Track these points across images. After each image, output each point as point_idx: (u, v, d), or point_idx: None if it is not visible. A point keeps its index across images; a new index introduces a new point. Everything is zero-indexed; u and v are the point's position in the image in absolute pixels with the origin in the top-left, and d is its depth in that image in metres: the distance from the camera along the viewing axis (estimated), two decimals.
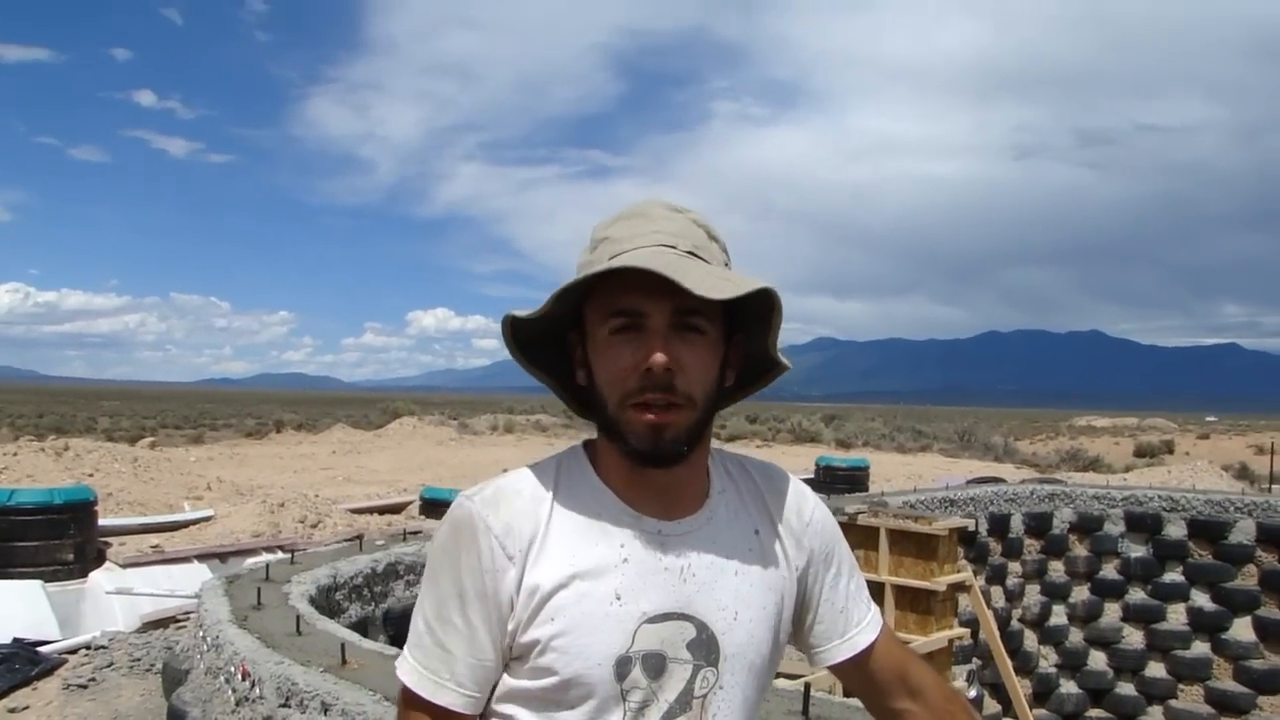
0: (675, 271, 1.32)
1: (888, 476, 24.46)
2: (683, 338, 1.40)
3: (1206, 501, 11.94)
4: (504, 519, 1.43)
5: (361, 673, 4.33)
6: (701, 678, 1.45)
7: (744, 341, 1.52)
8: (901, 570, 9.41)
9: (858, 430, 49.60)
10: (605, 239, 1.46)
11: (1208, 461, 30.32)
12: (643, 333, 1.39)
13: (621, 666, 1.40)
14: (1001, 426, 63.52)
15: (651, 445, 1.40)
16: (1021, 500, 12.33)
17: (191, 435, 44.37)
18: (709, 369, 1.43)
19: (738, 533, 1.54)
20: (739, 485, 1.60)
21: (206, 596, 5.93)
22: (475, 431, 46.34)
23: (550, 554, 1.43)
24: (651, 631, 1.42)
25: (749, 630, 1.49)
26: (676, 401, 1.39)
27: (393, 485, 21.58)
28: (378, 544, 7.97)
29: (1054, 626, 12.17)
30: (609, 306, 1.41)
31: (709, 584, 1.47)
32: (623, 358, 1.40)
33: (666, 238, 1.43)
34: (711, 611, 1.46)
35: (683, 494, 1.52)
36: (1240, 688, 11.28)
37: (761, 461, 1.69)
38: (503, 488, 1.48)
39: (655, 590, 1.44)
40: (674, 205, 1.50)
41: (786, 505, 1.62)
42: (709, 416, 1.46)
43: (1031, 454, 44.00)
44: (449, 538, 1.45)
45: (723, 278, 1.39)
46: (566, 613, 1.40)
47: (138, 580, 9.56)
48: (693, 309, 1.38)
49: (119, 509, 14.69)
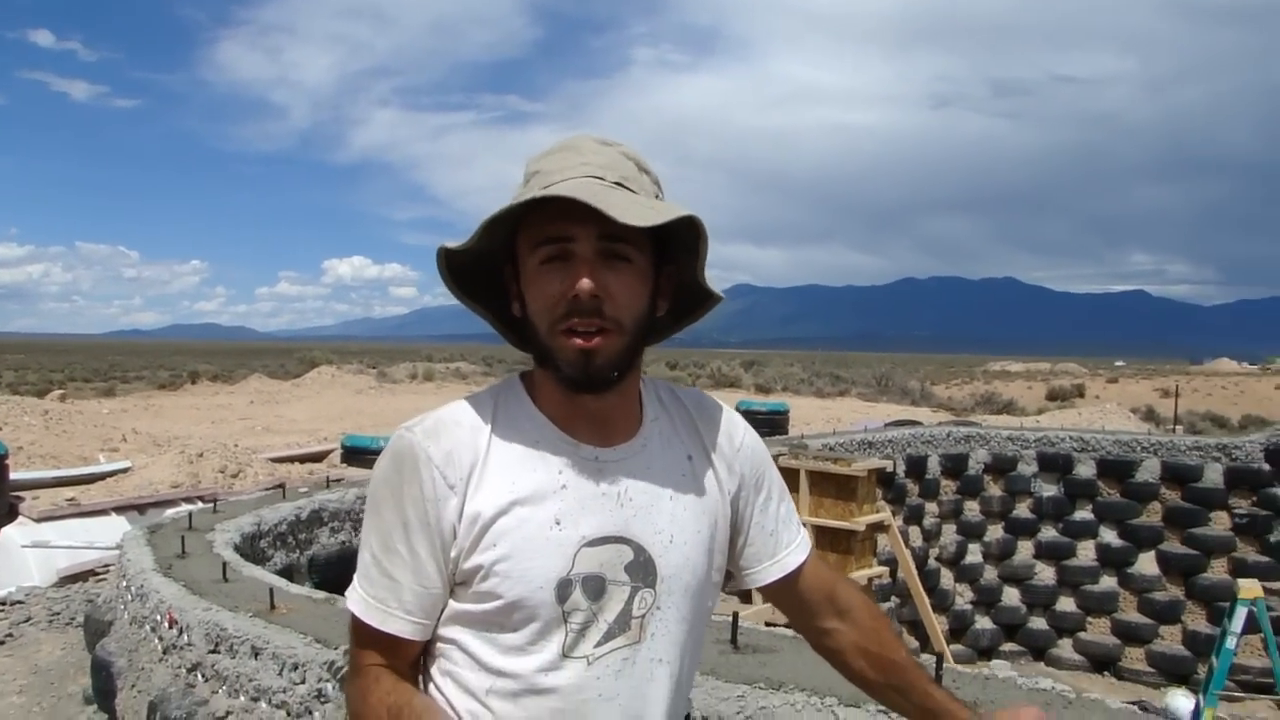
0: (598, 200, 1.34)
1: (807, 420, 24.80)
2: (610, 265, 1.42)
3: (1115, 442, 12.29)
4: (444, 448, 1.45)
5: (290, 617, 4.33)
6: (639, 599, 1.49)
7: (675, 273, 1.54)
8: (821, 511, 9.58)
9: (777, 375, 50.09)
10: (536, 172, 1.48)
11: (1116, 404, 31.21)
12: (570, 261, 1.42)
13: (562, 589, 1.43)
14: (918, 372, 64.56)
15: (582, 370, 1.43)
16: (938, 442, 12.57)
17: (102, 388, 43.37)
18: (637, 295, 1.46)
19: (671, 458, 1.58)
20: (671, 413, 1.64)
21: (129, 546, 5.86)
22: (394, 380, 45.97)
23: (490, 481, 1.45)
24: (591, 555, 1.46)
25: (684, 553, 1.53)
26: (605, 326, 1.42)
27: (313, 434, 21.37)
28: (301, 491, 7.93)
29: (969, 565, 12.47)
30: (538, 236, 1.43)
31: (645, 508, 1.51)
32: (551, 285, 1.42)
33: (595, 169, 1.46)
34: (648, 535, 1.50)
35: (617, 421, 1.55)
36: (1144, 619, 11.70)
37: (692, 390, 1.73)
38: (442, 418, 1.50)
39: (593, 515, 1.47)
40: (604, 139, 1.53)
41: (718, 431, 1.67)
42: (639, 343, 1.49)
43: (947, 398, 44.88)
44: (390, 469, 1.47)
45: (647, 206, 1.42)
46: (508, 538, 1.43)
47: (53, 534, 9.39)
48: (618, 236, 1.40)
49: (30, 463, 14.37)
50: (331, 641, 3.92)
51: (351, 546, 7.28)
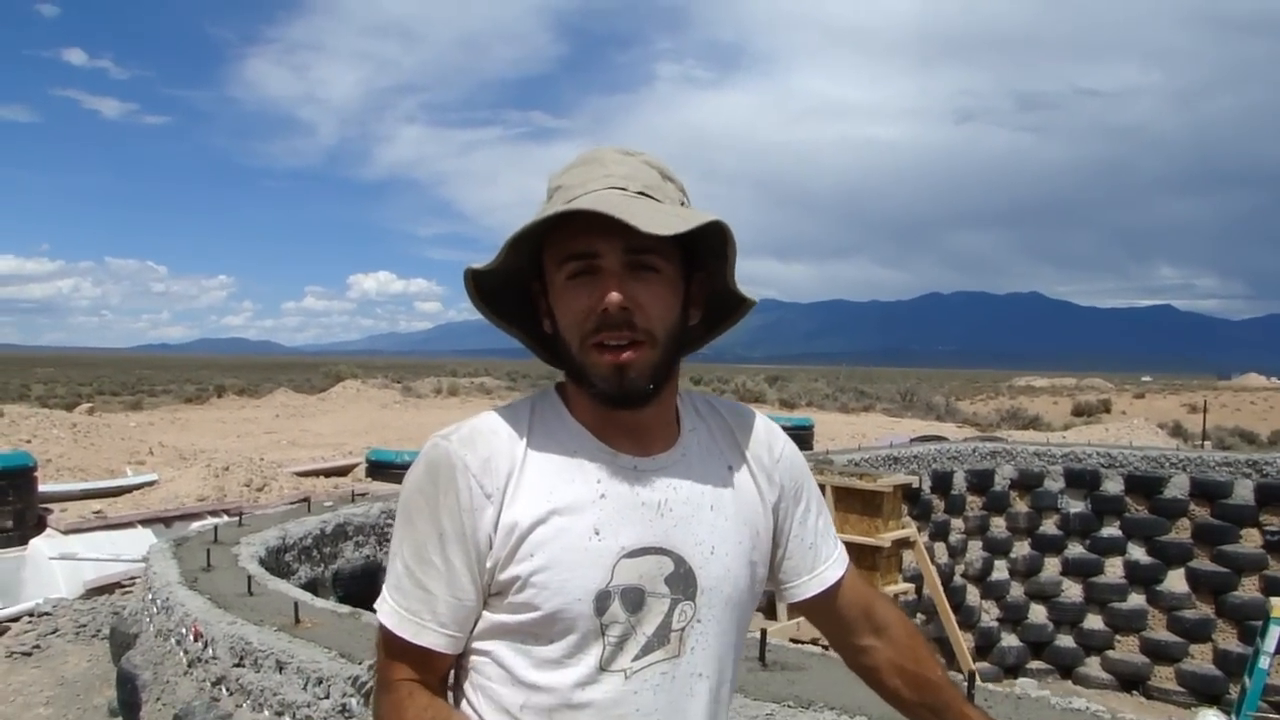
0: (621, 211, 1.32)
1: (832, 436, 24.71)
2: (638, 276, 1.40)
3: (1143, 458, 12.20)
4: (481, 456, 1.43)
5: (315, 631, 4.33)
6: (680, 611, 1.46)
7: (706, 280, 1.52)
8: (847, 527, 9.53)
9: (801, 390, 49.96)
10: (559, 187, 1.46)
11: (1144, 419, 30.96)
12: (598, 275, 1.40)
13: (601, 601, 1.41)
14: (943, 387, 64.29)
15: (617, 386, 1.41)
16: (964, 458, 12.50)
17: (129, 402, 43.68)
18: (668, 306, 1.44)
19: (711, 468, 1.56)
20: (709, 423, 1.62)
21: (155, 559, 5.88)
22: (419, 395, 46.06)
23: (527, 491, 1.43)
24: (630, 566, 1.43)
25: (725, 564, 1.50)
26: (637, 339, 1.40)
27: (338, 448, 21.44)
28: (326, 505, 7.94)
29: (995, 581, 12.39)
30: (563, 252, 1.42)
31: (685, 519, 1.48)
32: (579, 300, 1.40)
33: (618, 180, 1.44)
34: (689, 546, 1.47)
35: (654, 432, 1.53)
36: (1173, 637, 11.59)
37: (730, 401, 1.71)
38: (478, 427, 1.48)
39: (633, 525, 1.44)
40: (626, 150, 1.51)
41: (757, 441, 1.64)
42: (673, 355, 1.47)
43: (972, 413, 44.63)
44: (425, 478, 1.44)
45: (671, 214, 1.39)
46: (546, 548, 1.40)
47: (81, 546, 9.45)
48: (645, 248, 1.38)
49: (59, 475, 14.48)
50: (356, 656, 3.92)
51: (376, 560, 7.29)
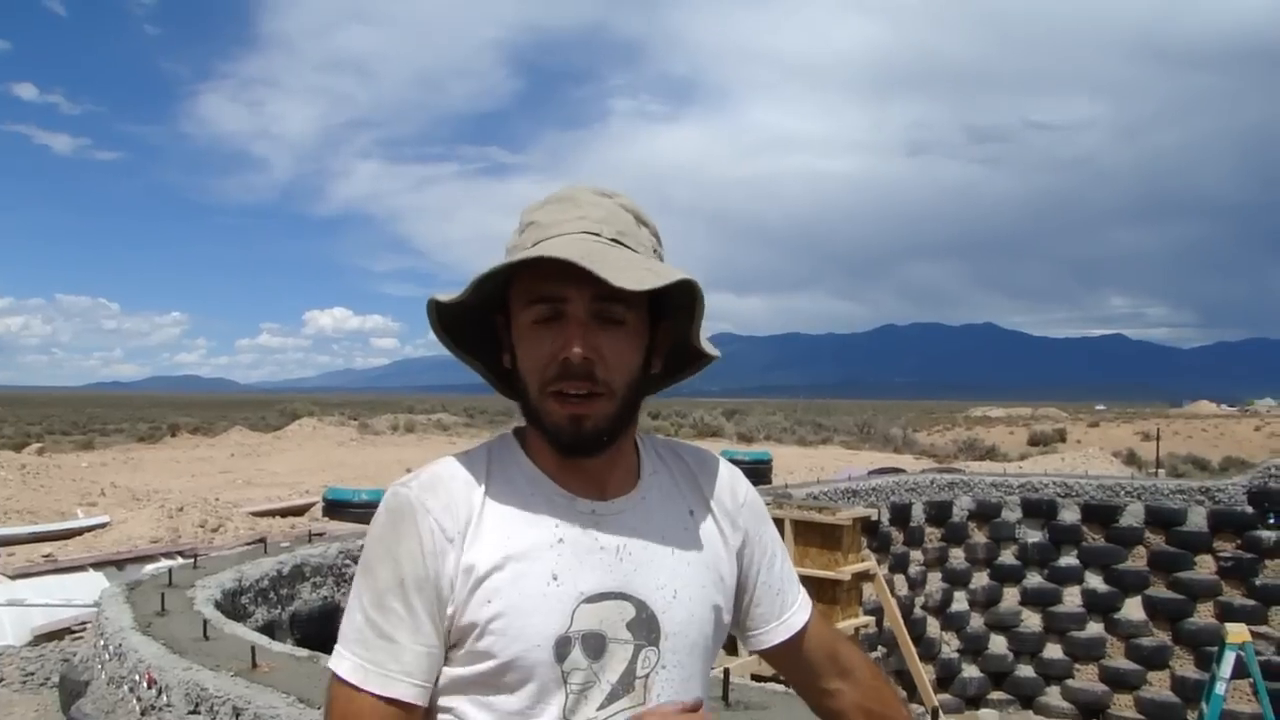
0: (594, 262, 1.30)
1: (790, 469, 24.76)
2: (603, 327, 1.38)
3: (1098, 487, 12.32)
4: (442, 501, 1.40)
5: (273, 675, 4.26)
6: (643, 657, 1.43)
7: (670, 330, 1.50)
8: (807, 561, 9.54)
9: (759, 424, 50.09)
10: (532, 223, 1.45)
11: (1098, 448, 31.30)
12: (563, 321, 1.38)
13: (561, 647, 1.38)
14: (900, 418, 64.65)
15: (572, 436, 1.40)
16: (922, 489, 12.56)
17: (81, 441, 43.02)
18: (630, 358, 1.42)
19: (672, 512, 1.54)
20: (670, 467, 1.60)
21: (107, 604, 5.78)
22: (376, 432, 45.74)
23: (485, 536, 1.40)
24: (590, 611, 1.40)
25: (688, 609, 1.48)
26: (596, 390, 1.38)
27: (294, 487, 21.21)
28: (282, 546, 7.85)
29: (955, 612, 12.44)
30: (531, 293, 1.40)
31: (646, 563, 1.46)
32: (543, 346, 1.39)
33: (591, 224, 1.42)
34: (650, 590, 1.45)
35: (613, 476, 1.51)
36: (1131, 665, 11.68)
37: (692, 445, 1.69)
38: (438, 473, 1.46)
39: (592, 570, 1.42)
40: (602, 190, 1.49)
41: (720, 486, 1.62)
42: (632, 405, 1.45)
43: (930, 444, 44.93)
44: (386, 525, 1.42)
45: (643, 268, 1.37)
46: (503, 594, 1.37)
47: (29, 591, 9.26)
48: (613, 297, 1.36)
49: (7, 518, 14.21)
50: (314, 701, 3.86)
51: (334, 602, 7.20)
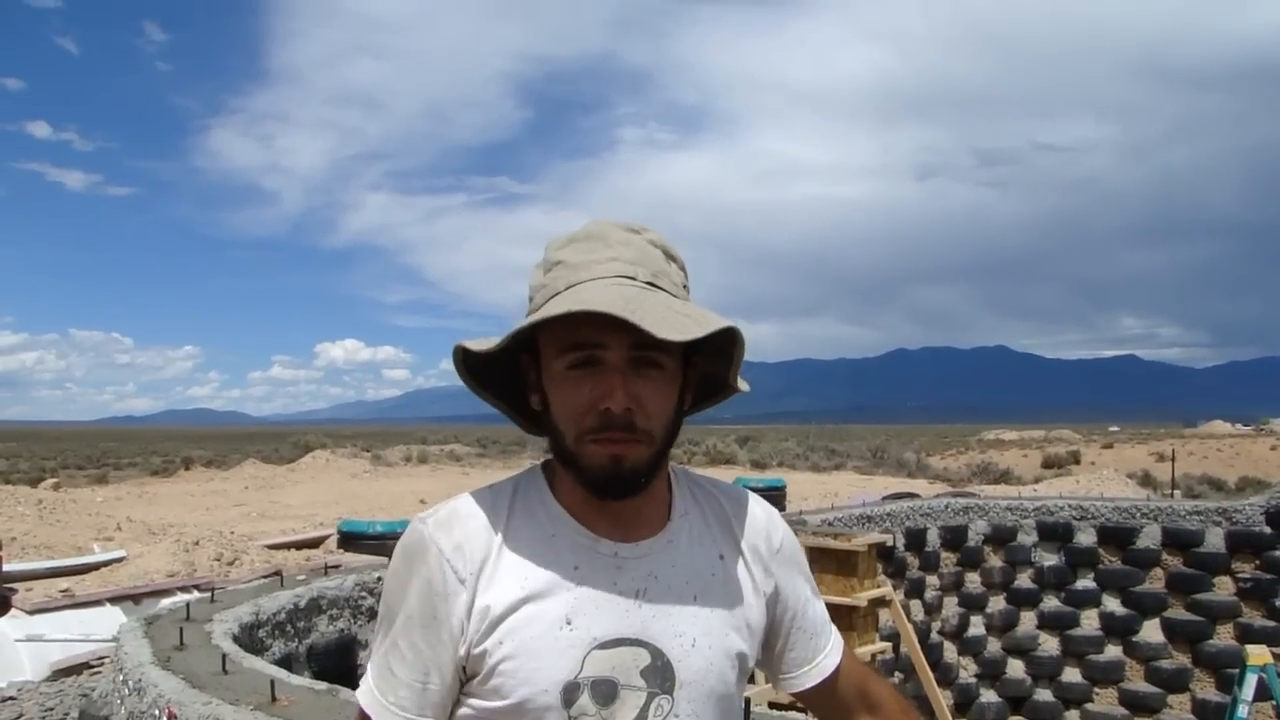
0: (635, 313, 1.29)
1: (804, 495, 24.70)
2: (641, 374, 1.37)
3: (1114, 509, 12.25)
4: (455, 540, 1.40)
5: (292, 709, 4.26)
6: (656, 706, 1.41)
7: (701, 364, 1.49)
8: (822, 587, 9.46)
9: (772, 451, 49.98)
10: (559, 263, 1.42)
11: (1113, 470, 31.16)
12: (601, 368, 1.36)
13: (569, 693, 1.36)
14: (912, 443, 64.47)
15: (611, 477, 1.38)
16: (937, 514, 12.52)
17: (95, 475, 43.11)
18: (668, 402, 1.41)
19: (700, 556, 1.50)
20: (704, 508, 1.56)
21: (125, 639, 5.79)
22: (389, 463, 45.73)
23: (502, 576, 1.39)
24: (602, 657, 1.38)
25: (707, 658, 1.45)
26: (637, 439, 1.37)
27: (309, 520, 21.22)
28: (299, 579, 7.85)
29: (972, 637, 12.36)
30: (566, 339, 1.37)
31: (666, 609, 1.43)
32: (580, 394, 1.37)
33: (624, 266, 1.40)
34: (668, 638, 1.42)
35: (642, 516, 1.48)
36: (1151, 688, 11.57)
37: (730, 485, 1.66)
38: (457, 509, 1.45)
39: (608, 615, 1.40)
40: (630, 225, 1.46)
41: (754, 530, 1.58)
42: (669, 445, 1.43)
43: (943, 469, 44.76)
44: (401, 561, 1.43)
45: (685, 315, 1.35)
46: (515, 636, 1.37)
47: (47, 626, 9.28)
48: (652, 344, 1.33)
49: (24, 553, 14.24)
50: None
51: (350, 634, 7.20)
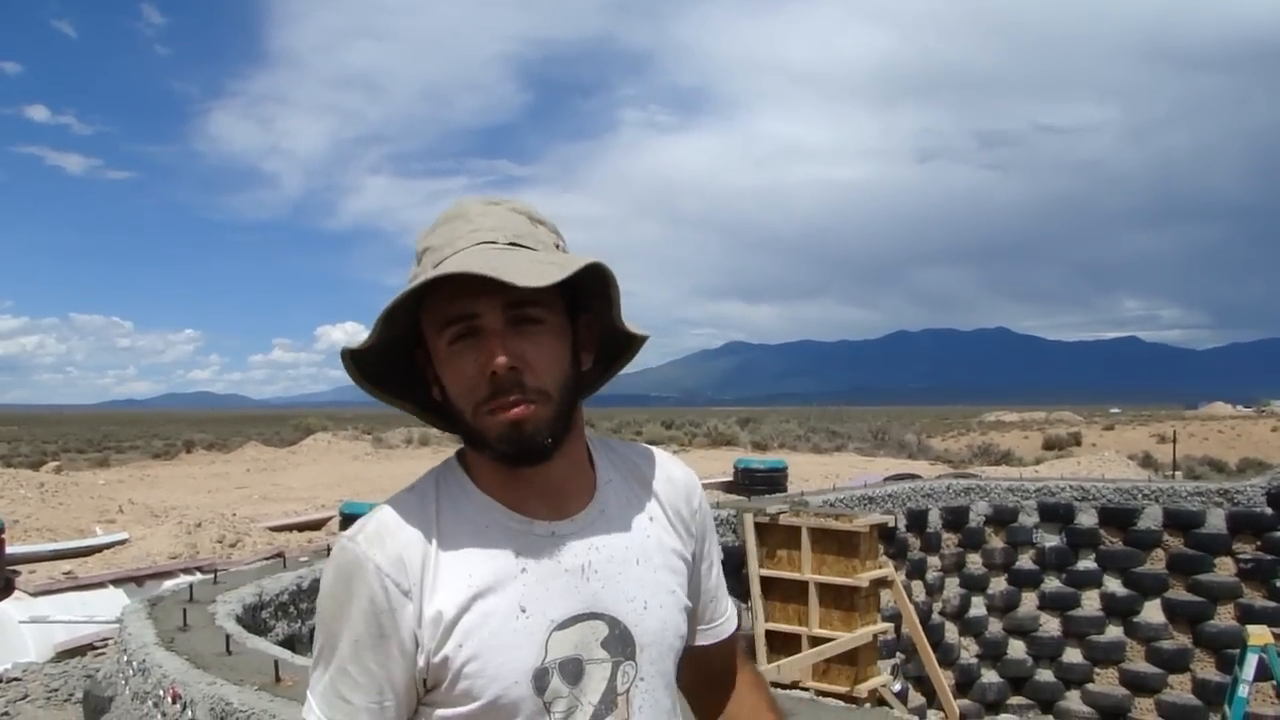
0: (494, 268, 1.28)
1: (805, 477, 24.71)
2: (522, 332, 1.36)
3: (1115, 490, 12.29)
4: (391, 554, 1.38)
5: (296, 689, 4.27)
6: (622, 673, 1.43)
7: (593, 321, 1.47)
8: (824, 568, 9.53)
9: (773, 432, 49.98)
10: (427, 249, 1.42)
11: (1114, 451, 31.19)
12: (480, 336, 1.35)
13: (539, 679, 1.37)
14: (914, 425, 64.49)
15: (515, 444, 1.36)
16: (938, 495, 12.54)
17: (96, 458, 43.15)
18: (558, 357, 1.39)
19: (632, 521, 1.51)
20: (624, 473, 1.57)
21: (129, 620, 5.81)
22: (390, 445, 45.76)
23: (445, 578, 1.38)
24: (563, 638, 1.39)
25: (660, 616, 1.47)
26: (529, 399, 1.35)
27: (310, 502, 21.26)
28: (301, 561, 7.88)
29: (974, 618, 12.41)
30: (441, 317, 1.37)
31: (613, 578, 1.45)
32: (466, 366, 1.36)
33: (485, 234, 1.39)
34: (620, 605, 1.44)
35: (568, 489, 1.48)
36: (1152, 668, 11.63)
37: (644, 446, 1.66)
38: (384, 521, 1.41)
39: (559, 596, 1.41)
40: (490, 198, 1.47)
41: (674, 491, 1.59)
42: (570, 405, 1.42)
43: (944, 450, 44.78)
44: (336, 584, 1.39)
45: (547, 262, 1.35)
46: (474, 636, 1.36)
47: (50, 608, 9.31)
48: (526, 300, 1.34)
49: (26, 536, 14.27)
50: None
51: None
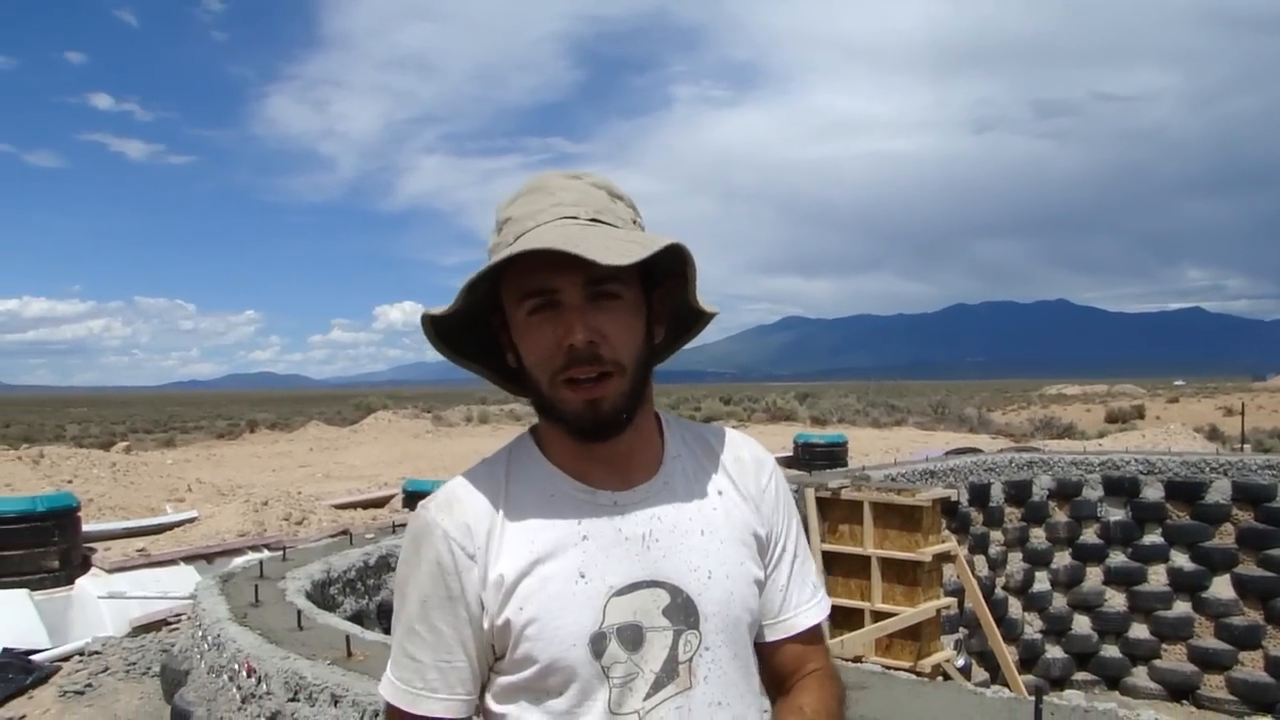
0: (577, 245, 1.30)
1: (865, 451, 24.58)
2: (600, 306, 1.38)
3: (1183, 463, 12.10)
4: (458, 520, 1.43)
5: (368, 664, 4.35)
6: (684, 642, 1.44)
7: (666, 296, 1.50)
8: (887, 543, 9.50)
9: (832, 407, 49.72)
10: (507, 220, 1.45)
11: (1180, 424, 30.67)
12: (559, 309, 1.38)
13: (597, 643, 1.39)
14: (973, 398, 63.87)
15: (591, 421, 1.40)
16: (1001, 469, 12.44)
17: (163, 439, 43.98)
18: (633, 332, 1.42)
19: (699, 493, 1.53)
20: (694, 450, 1.58)
21: (203, 596, 5.93)
22: (450, 423, 46.14)
23: (510, 544, 1.43)
24: (622, 604, 1.41)
25: (726, 587, 1.47)
26: (606, 370, 1.38)
27: (373, 480, 21.50)
28: (367, 537, 7.98)
29: (1037, 593, 12.31)
30: (521, 289, 1.40)
31: (675, 547, 1.46)
32: (544, 337, 1.39)
33: (567, 208, 1.42)
34: (683, 574, 1.45)
35: (635, 461, 1.50)
36: (1222, 644, 11.47)
37: (717, 426, 1.67)
38: (454, 490, 1.48)
39: (619, 562, 1.43)
40: (571, 172, 1.49)
41: (743, 470, 1.59)
42: (643, 379, 1.45)
43: (1005, 424, 44.29)
44: (410, 549, 1.46)
45: (628, 240, 1.38)
46: (533, 599, 1.40)
47: (125, 584, 9.52)
48: (605, 276, 1.36)
49: (100, 514, 14.57)
50: None
51: None
